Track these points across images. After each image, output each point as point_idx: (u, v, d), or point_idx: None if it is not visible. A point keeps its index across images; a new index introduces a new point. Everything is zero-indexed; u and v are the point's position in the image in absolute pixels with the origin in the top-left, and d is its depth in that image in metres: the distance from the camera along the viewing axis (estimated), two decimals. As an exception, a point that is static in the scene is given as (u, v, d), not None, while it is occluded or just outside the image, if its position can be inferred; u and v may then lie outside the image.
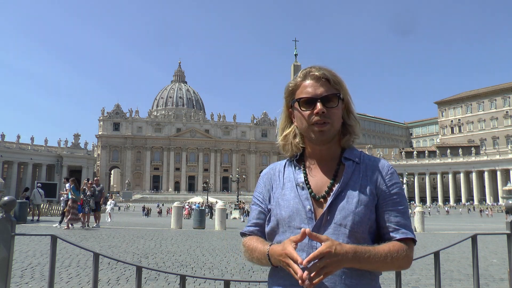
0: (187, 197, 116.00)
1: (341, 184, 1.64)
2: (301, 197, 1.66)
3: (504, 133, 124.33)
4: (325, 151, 1.73)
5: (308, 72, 1.71)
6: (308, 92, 1.67)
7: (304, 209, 1.63)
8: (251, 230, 1.80)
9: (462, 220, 49.89)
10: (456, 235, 19.32)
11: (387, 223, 1.62)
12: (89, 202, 19.08)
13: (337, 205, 1.60)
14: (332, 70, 1.72)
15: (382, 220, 1.63)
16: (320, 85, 1.67)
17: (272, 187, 1.78)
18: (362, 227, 1.58)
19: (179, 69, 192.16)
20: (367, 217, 1.60)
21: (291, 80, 1.79)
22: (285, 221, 1.64)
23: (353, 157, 1.72)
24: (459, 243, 3.03)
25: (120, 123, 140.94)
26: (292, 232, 1.62)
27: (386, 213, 1.63)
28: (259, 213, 1.79)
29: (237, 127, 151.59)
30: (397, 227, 1.62)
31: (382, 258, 1.51)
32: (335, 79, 1.69)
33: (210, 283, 7.34)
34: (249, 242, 1.74)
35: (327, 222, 1.59)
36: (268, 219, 1.75)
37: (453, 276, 8.30)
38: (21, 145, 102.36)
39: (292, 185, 1.72)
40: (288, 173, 1.77)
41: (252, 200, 1.86)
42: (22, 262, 8.87)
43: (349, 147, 1.76)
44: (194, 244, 13.44)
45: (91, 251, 2.55)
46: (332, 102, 1.66)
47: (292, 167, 1.78)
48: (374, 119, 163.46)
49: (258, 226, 1.79)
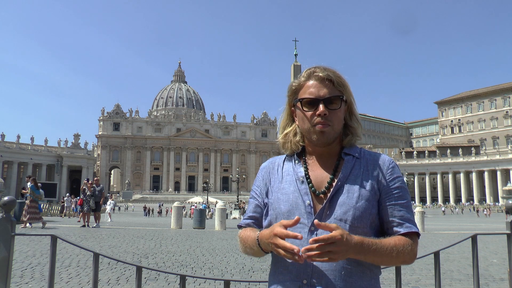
0: (187, 197, 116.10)
1: (341, 179, 1.63)
2: (301, 191, 1.65)
3: (504, 133, 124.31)
4: (326, 150, 1.72)
5: (312, 72, 1.70)
6: (311, 92, 1.66)
7: (304, 203, 1.62)
8: (247, 222, 1.80)
9: (462, 220, 49.88)
10: (456, 235, 19.31)
11: (391, 218, 1.62)
12: (89, 202, 19.10)
13: (337, 199, 1.59)
14: (337, 71, 1.71)
15: (385, 215, 1.63)
16: (323, 86, 1.66)
17: (270, 180, 1.77)
18: (363, 222, 1.57)
19: (179, 69, 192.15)
20: (368, 212, 1.59)
21: (294, 79, 1.78)
22: (284, 215, 1.63)
23: (353, 152, 1.71)
24: (459, 243, 3.04)
25: (120, 123, 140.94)
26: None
27: (389, 207, 1.62)
28: (256, 206, 1.79)
29: (237, 127, 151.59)
30: (401, 221, 1.61)
31: (388, 252, 1.51)
32: (339, 81, 1.68)
33: (210, 283, 7.34)
34: (243, 233, 1.75)
35: (327, 217, 1.58)
36: (265, 213, 1.75)
37: (453, 276, 8.30)
38: (21, 145, 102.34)
39: (291, 179, 1.70)
40: (288, 167, 1.76)
41: (250, 193, 1.87)
42: (22, 262, 8.86)
43: (350, 146, 1.75)
44: (194, 244, 13.44)
45: (91, 251, 2.55)
46: (334, 104, 1.65)
47: (292, 161, 1.77)
48: (374, 119, 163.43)
49: (254, 219, 1.79)
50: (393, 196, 1.63)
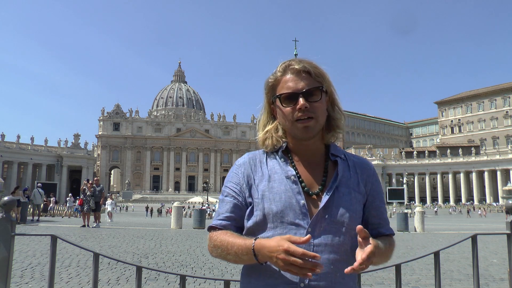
0: (187, 197, 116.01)
1: (336, 181, 1.61)
2: (293, 191, 1.57)
3: (504, 133, 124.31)
4: (309, 146, 1.66)
5: (288, 65, 1.62)
6: (289, 87, 1.58)
7: (298, 203, 1.54)
8: (223, 224, 1.63)
9: (462, 220, 49.87)
10: (456, 235, 19.31)
11: (376, 220, 1.69)
12: (89, 202, 19.14)
13: (333, 201, 1.57)
14: (313, 62, 1.62)
15: (371, 217, 1.68)
16: (301, 79, 1.58)
17: (253, 178, 1.63)
18: (357, 223, 1.57)
19: (179, 69, 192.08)
20: (360, 214, 1.63)
21: (270, 75, 1.68)
22: (276, 216, 1.53)
23: (339, 154, 1.69)
24: (459, 243, 3.03)
25: (120, 123, 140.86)
26: (285, 228, 1.53)
27: (377, 209, 1.69)
28: (234, 206, 1.63)
29: (237, 127, 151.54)
30: (384, 223, 1.70)
31: (386, 252, 1.59)
32: (317, 71, 1.60)
33: (210, 283, 7.34)
34: (221, 236, 1.57)
35: (323, 219, 1.54)
36: (249, 213, 1.62)
37: (453, 276, 8.30)
38: (21, 145, 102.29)
39: (280, 178, 1.60)
40: (273, 165, 1.65)
41: (224, 191, 1.68)
42: (22, 262, 8.86)
43: (331, 143, 1.72)
44: (194, 244, 13.44)
45: (91, 251, 2.54)
46: (315, 96, 1.57)
47: (277, 158, 1.66)
48: (374, 119, 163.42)
49: (232, 220, 1.63)
50: (379, 199, 1.71)
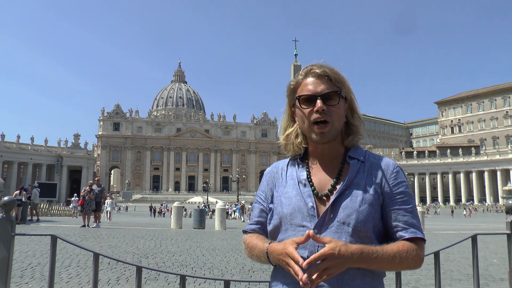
0: (187, 197, 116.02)
1: (345, 183, 1.61)
2: (303, 194, 1.64)
3: (504, 133, 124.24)
4: (327, 149, 1.71)
5: (310, 70, 1.70)
6: (309, 89, 1.66)
7: (306, 206, 1.61)
8: (252, 228, 1.80)
9: (461, 220, 49.86)
10: (456, 235, 19.31)
11: (395, 222, 1.60)
12: (90, 205, 19.26)
13: (340, 203, 1.58)
14: (335, 68, 1.70)
15: (389, 219, 1.61)
16: (321, 83, 1.65)
17: (275, 185, 1.77)
18: (366, 225, 1.56)
19: (179, 69, 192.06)
20: (371, 216, 1.57)
21: (292, 78, 1.79)
22: (287, 218, 1.63)
23: (358, 156, 1.69)
24: (459, 243, 3.03)
25: (120, 123, 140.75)
26: (294, 230, 1.60)
27: (393, 212, 1.60)
28: (261, 211, 1.79)
29: (237, 127, 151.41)
30: (405, 226, 1.59)
31: (391, 259, 1.49)
32: (337, 77, 1.68)
33: (210, 283, 7.34)
34: (249, 239, 1.75)
35: (329, 220, 1.57)
36: (270, 217, 1.74)
37: (453, 276, 8.30)
38: (21, 145, 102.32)
39: (294, 183, 1.70)
40: (291, 171, 1.76)
41: (255, 198, 1.87)
42: (22, 262, 8.87)
43: (353, 147, 1.73)
44: (194, 244, 13.43)
45: (91, 251, 2.55)
46: (333, 100, 1.64)
47: (296, 165, 1.77)
48: (374, 119, 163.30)
49: (260, 224, 1.79)
50: (397, 201, 1.61)
